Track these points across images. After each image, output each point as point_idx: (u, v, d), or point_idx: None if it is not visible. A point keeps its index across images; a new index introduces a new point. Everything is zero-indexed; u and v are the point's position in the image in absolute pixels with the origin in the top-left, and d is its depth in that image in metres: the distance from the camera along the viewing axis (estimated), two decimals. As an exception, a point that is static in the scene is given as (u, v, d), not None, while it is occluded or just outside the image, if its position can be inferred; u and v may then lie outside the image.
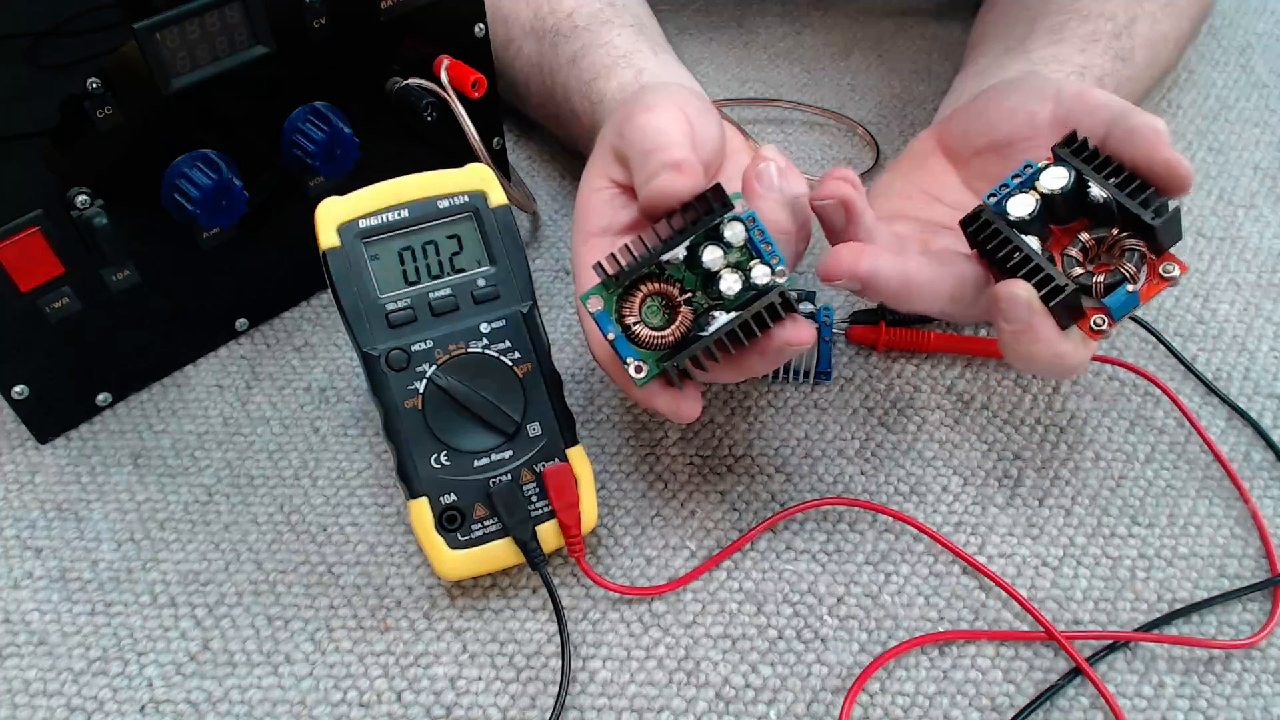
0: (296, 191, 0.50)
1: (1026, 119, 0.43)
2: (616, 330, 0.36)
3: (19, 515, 0.45)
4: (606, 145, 0.43)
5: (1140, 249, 0.36)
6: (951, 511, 0.44)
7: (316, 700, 0.39)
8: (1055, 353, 0.36)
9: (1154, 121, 0.37)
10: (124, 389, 0.49)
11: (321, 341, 0.52)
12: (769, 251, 0.36)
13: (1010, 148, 0.43)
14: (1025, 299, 0.36)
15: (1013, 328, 0.36)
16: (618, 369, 0.38)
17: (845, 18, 0.76)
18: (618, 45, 0.53)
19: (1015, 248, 0.37)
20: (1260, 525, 0.43)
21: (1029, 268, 0.36)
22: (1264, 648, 0.39)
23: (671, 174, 0.37)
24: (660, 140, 0.39)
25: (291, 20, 0.45)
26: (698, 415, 0.38)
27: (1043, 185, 0.37)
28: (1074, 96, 0.41)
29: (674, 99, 0.42)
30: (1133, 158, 0.37)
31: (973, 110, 0.46)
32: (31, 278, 0.42)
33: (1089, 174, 0.37)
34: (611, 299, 0.36)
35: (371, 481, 0.46)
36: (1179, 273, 0.36)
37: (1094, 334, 0.37)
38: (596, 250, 0.41)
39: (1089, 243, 0.37)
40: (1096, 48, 0.52)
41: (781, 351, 0.36)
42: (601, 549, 0.43)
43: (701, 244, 0.36)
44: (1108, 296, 0.36)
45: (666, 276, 0.37)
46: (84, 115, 0.41)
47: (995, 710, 0.38)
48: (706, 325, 0.36)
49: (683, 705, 0.38)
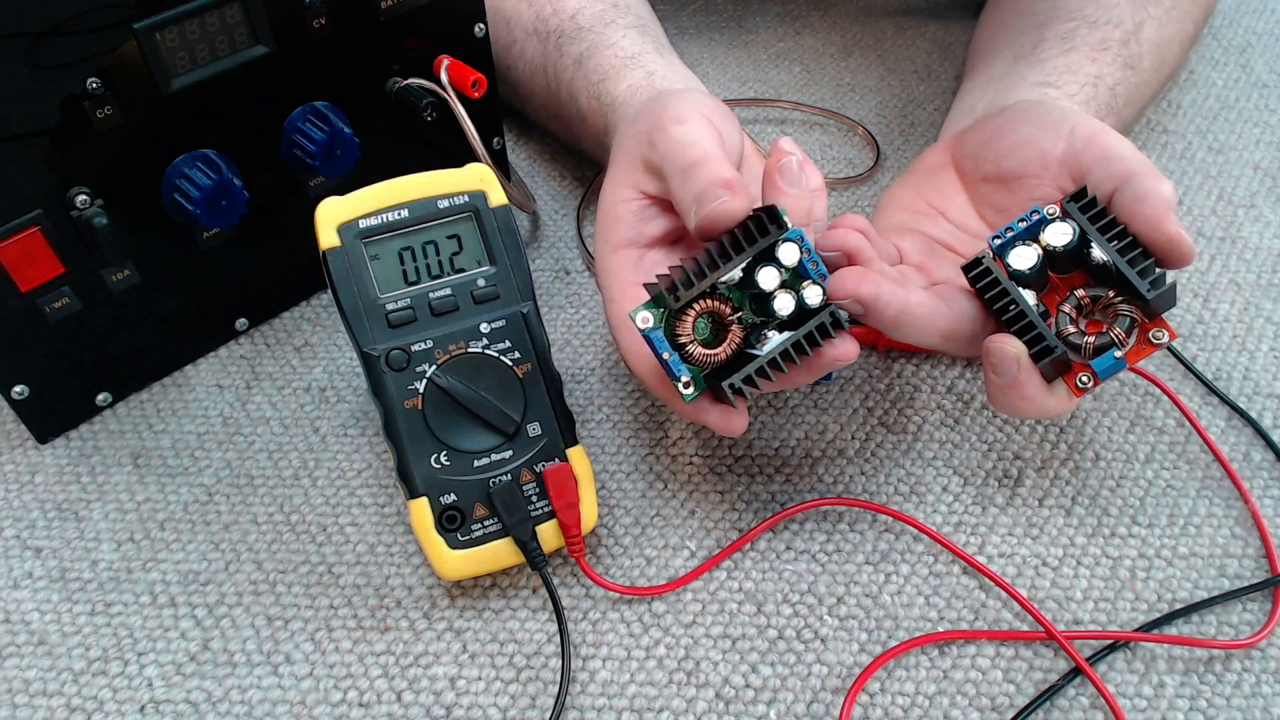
0: (296, 191, 0.50)
1: (1038, 155, 0.43)
2: (671, 350, 0.36)
3: (19, 515, 0.45)
4: (635, 155, 0.42)
5: (1133, 315, 0.37)
6: (951, 511, 0.44)
7: (316, 700, 0.39)
8: (1040, 405, 0.38)
9: (1163, 190, 0.37)
10: (124, 389, 0.49)
11: (321, 341, 0.52)
12: (816, 270, 0.37)
13: (1019, 181, 0.43)
14: (1014, 356, 0.37)
15: (1000, 381, 0.38)
16: (662, 384, 0.39)
17: (845, 18, 0.76)
18: (624, 46, 0.53)
19: (1011, 300, 0.38)
20: (1260, 525, 0.43)
21: (1022, 324, 0.37)
22: (1264, 648, 0.39)
23: (726, 195, 0.37)
24: (698, 154, 0.39)
25: (291, 20, 0.45)
26: (746, 428, 0.39)
27: (1046, 239, 0.38)
28: (1087, 139, 0.41)
29: (700, 108, 0.42)
30: (1139, 226, 0.37)
31: (987, 133, 0.46)
32: (31, 278, 0.42)
33: (1093, 234, 0.37)
34: (662, 316, 0.37)
35: (371, 481, 0.46)
36: (1168, 339, 0.37)
37: (1078, 391, 0.38)
38: (625, 261, 0.41)
39: (1084, 300, 0.38)
40: (1106, 55, 0.52)
41: (828, 367, 0.37)
42: (601, 549, 0.43)
43: (757, 266, 0.37)
44: (1095, 359, 0.37)
45: (718, 295, 0.37)
46: (84, 115, 0.41)
47: (995, 710, 0.38)
48: (756, 343, 0.37)
49: (683, 705, 0.38)
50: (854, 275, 0.37)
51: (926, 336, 0.39)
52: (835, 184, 0.61)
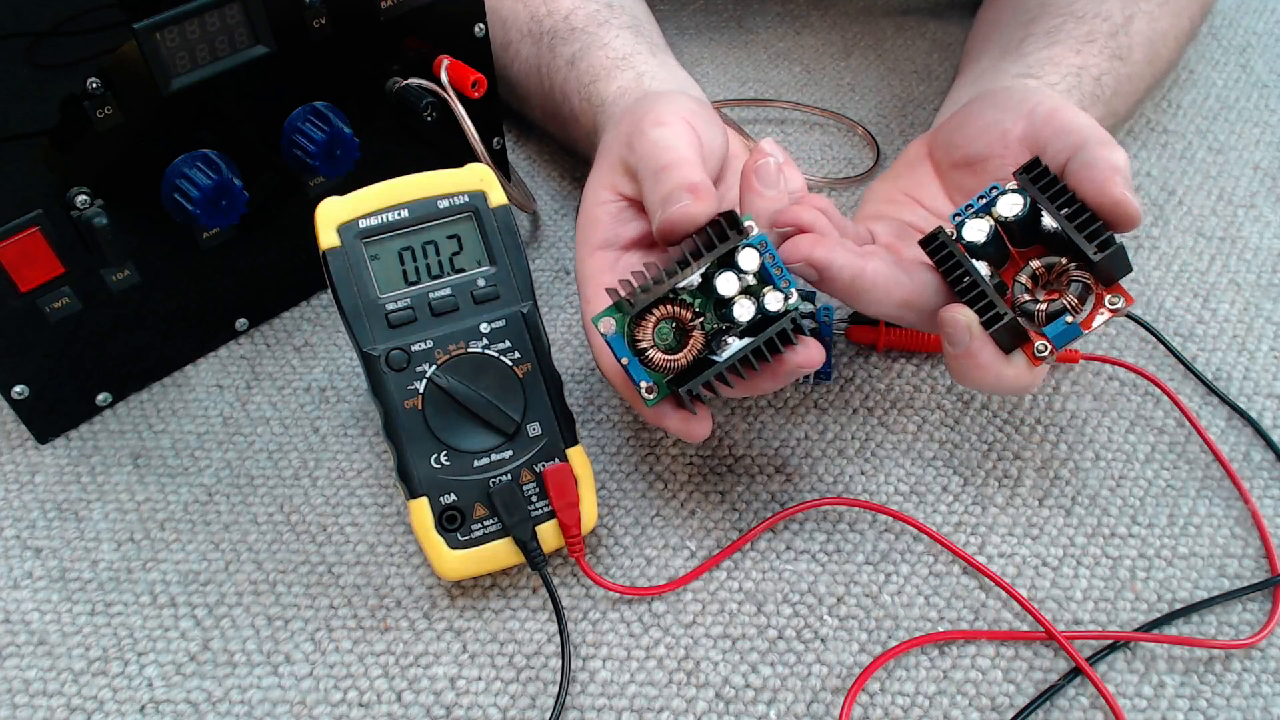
0: (296, 191, 0.50)
1: (999, 136, 0.43)
2: (630, 355, 0.37)
3: (19, 515, 0.45)
4: (614, 156, 0.43)
5: (1086, 280, 0.37)
6: (951, 511, 0.44)
7: (316, 700, 0.39)
8: (996, 375, 0.38)
9: (1113, 156, 0.38)
10: (124, 389, 0.49)
11: (321, 341, 0.52)
12: (779, 275, 0.37)
13: (983, 163, 0.44)
14: (965, 323, 0.37)
15: (955, 350, 0.38)
16: (628, 388, 0.39)
17: (845, 18, 0.76)
18: (616, 47, 0.53)
19: (965, 272, 0.38)
20: (1260, 525, 0.43)
21: (974, 293, 0.38)
22: (1264, 648, 0.39)
23: (689, 199, 0.37)
24: (671, 158, 0.39)
25: (291, 20, 0.45)
26: (708, 434, 0.39)
27: (998, 211, 0.39)
28: (1046, 116, 0.42)
29: (680, 111, 0.42)
30: (1086, 191, 0.37)
31: (955, 121, 0.47)
32: (31, 278, 0.42)
33: (1043, 203, 0.38)
34: (624, 321, 0.37)
35: (371, 481, 0.46)
36: (1125, 305, 0.37)
37: (1036, 360, 0.38)
38: (602, 263, 0.41)
39: (1039, 270, 0.38)
40: (1093, 48, 0.52)
41: (792, 374, 0.37)
42: (601, 549, 0.43)
43: (716, 270, 0.36)
44: (1048, 325, 0.38)
45: (679, 300, 0.37)
46: (84, 115, 0.41)
47: (995, 710, 0.38)
48: (718, 348, 0.37)
49: (683, 705, 0.38)
50: (808, 240, 0.37)
51: (885, 306, 0.39)
52: (835, 184, 0.61)
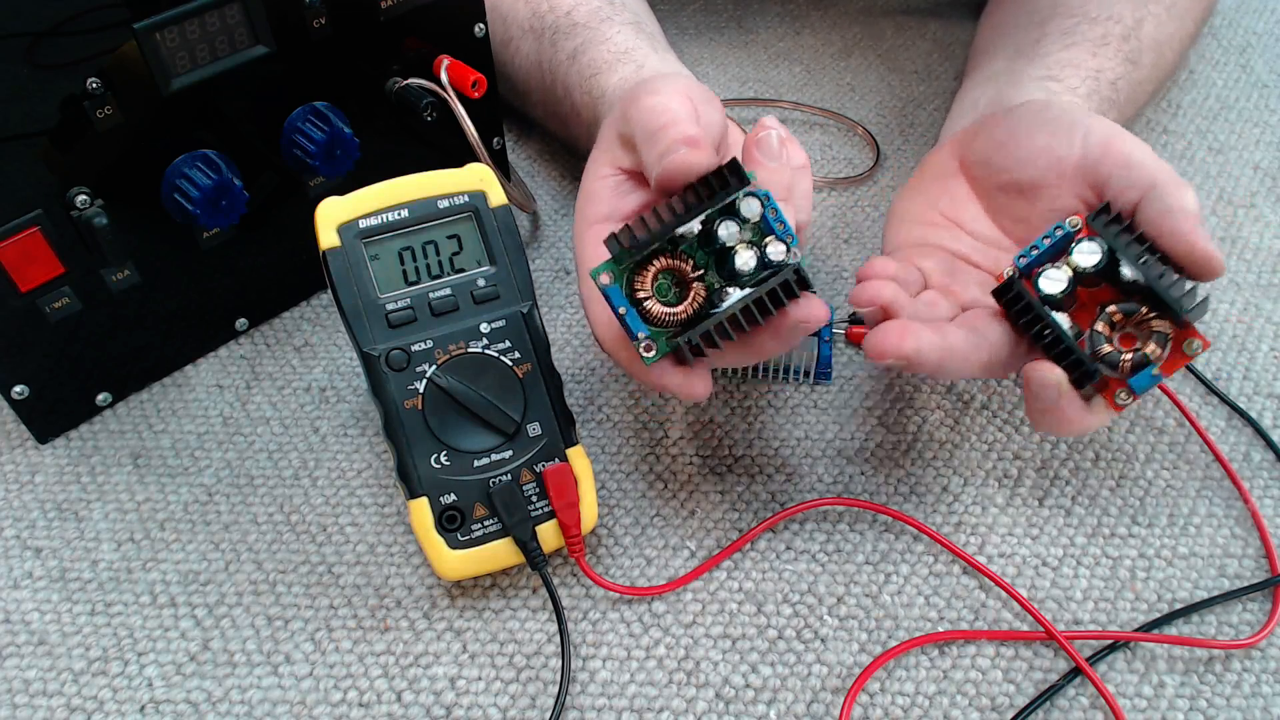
0: (296, 191, 0.50)
1: (1053, 164, 0.42)
2: (628, 305, 0.35)
3: (19, 515, 0.45)
4: (612, 132, 0.42)
5: (1167, 331, 0.37)
6: (951, 511, 0.44)
7: (316, 700, 0.39)
8: (1081, 426, 0.38)
9: (1187, 201, 0.37)
10: (124, 389, 0.49)
11: (321, 341, 0.52)
12: (784, 230, 0.36)
13: (1035, 191, 0.43)
14: (1055, 383, 0.37)
15: (1041, 406, 0.38)
16: (625, 350, 0.38)
17: (845, 18, 0.76)
18: (618, 42, 0.53)
19: (1046, 325, 0.38)
20: (1260, 525, 0.43)
21: (1060, 349, 0.38)
22: (1264, 648, 0.39)
23: (686, 149, 0.36)
24: (668, 118, 0.38)
25: (291, 20, 0.45)
26: (708, 394, 0.38)
27: (1075, 261, 0.38)
28: (1102, 145, 0.41)
29: (678, 84, 0.41)
30: (1167, 242, 0.37)
31: (997, 139, 0.45)
32: (31, 278, 0.42)
33: (1122, 253, 0.37)
34: (622, 274, 0.36)
35: (371, 481, 0.46)
36: (1201, 349, 0.37)
37: (1118, 408, 0.38)
38: (599, 237, 0.41)
39: (1116, 316, 0.38)
40: (1108, 50, 0.52)
41: (794, 330, 0.36)
42: (601, 549, 0.43)
43: (717, 219, 0.36)
44: (1133, 376, 0.37)
45: (679, 252, 0.36)
46: (84, 115, 0.41)
47: (995, 710, 0.38)
48: (719, 304, 0.36)
49: (683, 705, 0.38)
50: (895, 331, 0.37)
51: (966, 372, 0.39)
52: (835, 184, 0.61)
